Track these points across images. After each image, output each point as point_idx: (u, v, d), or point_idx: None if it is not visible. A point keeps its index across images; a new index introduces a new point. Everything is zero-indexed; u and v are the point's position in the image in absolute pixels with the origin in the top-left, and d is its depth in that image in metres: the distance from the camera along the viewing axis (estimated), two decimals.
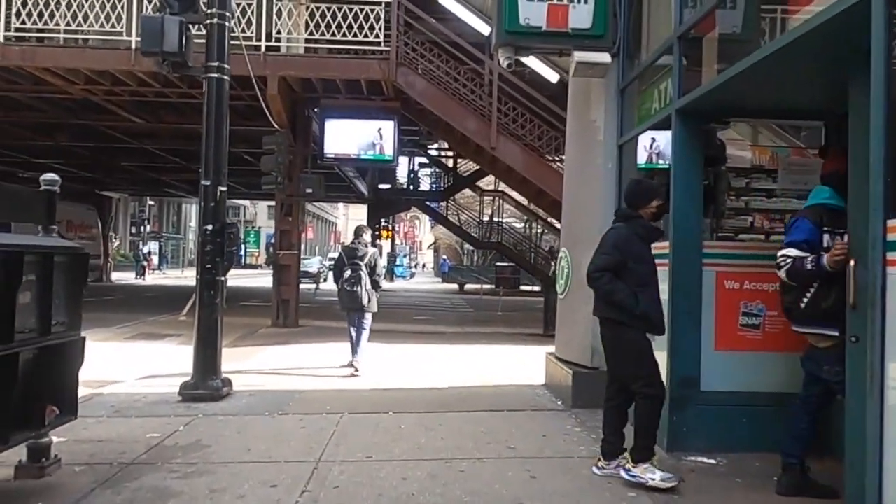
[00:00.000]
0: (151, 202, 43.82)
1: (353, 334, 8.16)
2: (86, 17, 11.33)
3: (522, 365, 8.96)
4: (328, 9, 11.43)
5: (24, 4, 11.28)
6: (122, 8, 11.32)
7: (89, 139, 18.57)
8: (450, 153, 31.15)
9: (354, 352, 8.14)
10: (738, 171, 5.49)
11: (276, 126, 11.83)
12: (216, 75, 6.39)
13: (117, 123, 16.04)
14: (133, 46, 11.16)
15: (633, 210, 4.11)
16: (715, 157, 5.30)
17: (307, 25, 11.61)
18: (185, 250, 58.60)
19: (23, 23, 11.26)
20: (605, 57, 5.46)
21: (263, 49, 11.32)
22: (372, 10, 11.37)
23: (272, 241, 13.03)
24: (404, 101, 12.81)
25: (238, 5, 11.26)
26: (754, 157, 5.90)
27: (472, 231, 32.11)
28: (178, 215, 58.37)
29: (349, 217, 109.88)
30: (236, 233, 6.31)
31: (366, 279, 7.88)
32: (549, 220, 34.83)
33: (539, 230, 35.03)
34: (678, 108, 4.45)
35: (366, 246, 8.14)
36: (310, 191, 12.42)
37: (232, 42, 11.08)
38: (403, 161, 31.25)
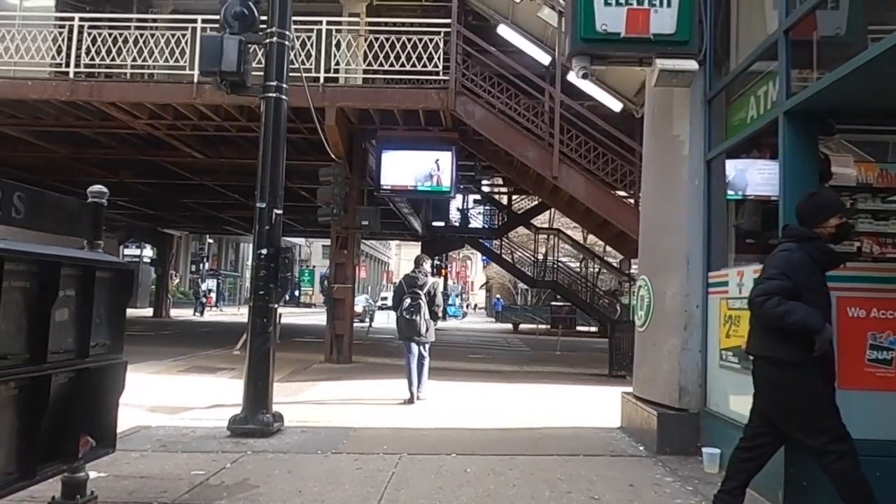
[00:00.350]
0: (210, 240, 44.81)
1: (411, 365, 8.01)
2: (151, 53, 11.53)
3: (591, 406, 8.30)
4: (387, 39, 11.33)
5: (94, 42, 11.55)
6: (186, 42, 11.47)
7: (152, 175, 18.97)
8: (504, 190, 30.91)
9: (411, 383, 8.02)
10: (842, 190, 4.87)
11: (333, 157, 11.71)
12: (274, 95, 6.17)
13: (178, 159, 16.29)
14: (195, 80, 11.28)
15: (808, 229, 3.41)
16: (819, 172, 4.71)
17: (365, 56, 11.51)
18: (242, 288, 59.58)
19: (91, 59, 11.52)
20: (691, 64, 4.98)
21: (322, 80, 11.26)
22: (431, 40, 11.21)
23: (327, 274, 12.75)
24: (462, 132, 12.54)
25: (297, 37, 11.27)
26: (859, 174, 5.27)
27: (526, 270, 31.54)
28: (235, 253, 59.64)
29: (402, 257, 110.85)
30: (291, 258, 5.98)
31: (425, 308, 7.82)
32: (606, 258, 34.07)
33: (595, 269, 34.17)
34: (787, 110, 3.91)
35: (426, 275, 8.12)
36: (366, 223, 12.17)
37: (291, 73, 11.11)
38: (457, 199, 31.21)
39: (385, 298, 72.82)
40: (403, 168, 12.30)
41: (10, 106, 12.80)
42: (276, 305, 5.99)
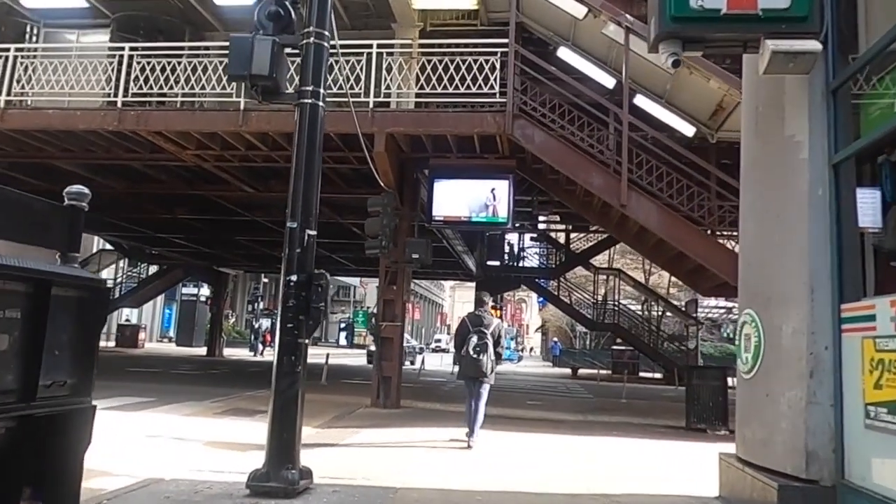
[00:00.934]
0: (266, 279, 45.01)
1: (472, 406, 7.85)
2: (199, 81, 11.19)
3: (672, 465, 7.11)
4: (440, 61, 10.68)
5: (143, 71, 11.32)
6: None
7: (205, 212, 18.79)
8: (561, 227, 29.86)
9: (471, 427, 7.81)
10: None
11: (382, 186, 11.02)
12: (310, 101, 5.46)
13: (229, 193, 15.98)
14: (242, 107, 10.86)
15: None
16: None
17: (417, 80, 10.88)
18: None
19: (140, 88, 11.26)
20: (812, 44, 4.01)
21: (371, 105, 10.65)
22: (486, 61, 10.50)
23: (374, 311, 11.94)
24: (520, 160, 11.70)
25: (347, 62, 10.75)
26: None
27: (585, 312, 30.18)
28: None
29: (456, 299, 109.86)
30: (325, 286, 5.16)
31: (491, 349, 7.67)
32: (670, 300, 32.34)
33: (658, 312, 32.47)
34: None
35: (490, 315, 8.02)
36: (416, 256, 11.36)
37: (339, 99, 10.62)
38: (512, 237, 30.31)
39: (439, 341, 72.02)
40: (457, 198, 11.51)
41: (61, 138, 12.69)
42: (306, 341, 5.16)
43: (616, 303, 30.22)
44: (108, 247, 32.70)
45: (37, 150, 13.52)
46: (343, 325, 63.27)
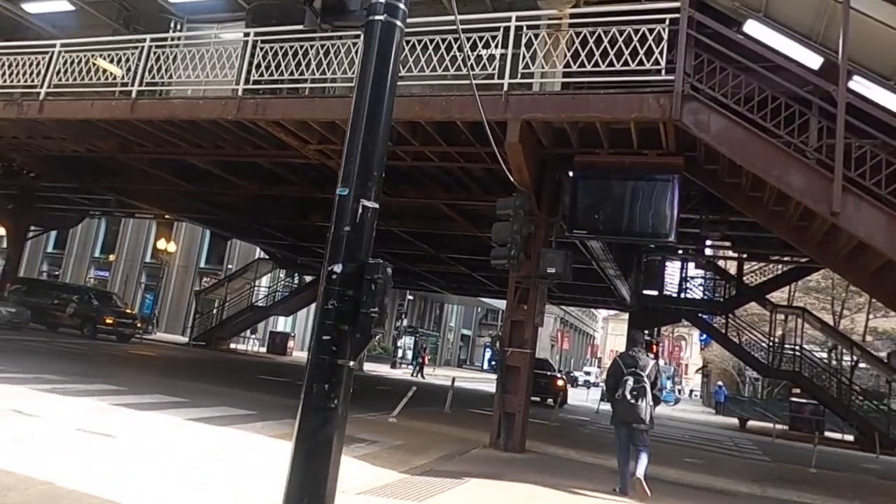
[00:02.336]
0: (410, 297, 44.74)
1: (626, 455, 7.22)
2: (329, 65, 10.14)
3: None
4: (591, 32, 8.74)
5: (265, 56, 10.51)
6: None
7: None
8: (731, 254, 26.20)
9: (625, 474, 7.16)
10: None
11: (515, 184, 9.24)
12: (382, 17, 3.81)
13: None
14: None
15: None
16: None
17: (564, 55, 9.01)
18: (442, 349, 59.15)
19: (261, 75, 10.45)
20: None
21: (506, 87, 8.93)
22: (651, 30, 8.40)
23: (499, 335, 10.10)
24: (688, 160, 9.40)
25: (481, 38, 9.16)
26: None
27: (757, 355, 26.16)
28: (440, 312, 59.69)
29: (608, 331, 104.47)
30: (384, 282, 3.45)
31: (649, 392, 7.04)
32: (866, 347, 27.22)
33: (851, 361, 27.42)
34: None
35: (646, 355, 7.41)
36: (552, 270, 9.41)
37: (463, 81, 9.04)
38: (673, 264, 27.12)
39: (588, 374, 68.32)
40: (606, 203, 9.42)
41: (188, 131, 12.33)
42: (350, 363, 3.46)
43: (797, 347, 25.87)
44: (265, 256, 33.80)
45: (172, 146, 13.35)
46: (488, 347, 61.86)
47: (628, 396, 6.95)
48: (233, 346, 34.09)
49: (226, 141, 12.68)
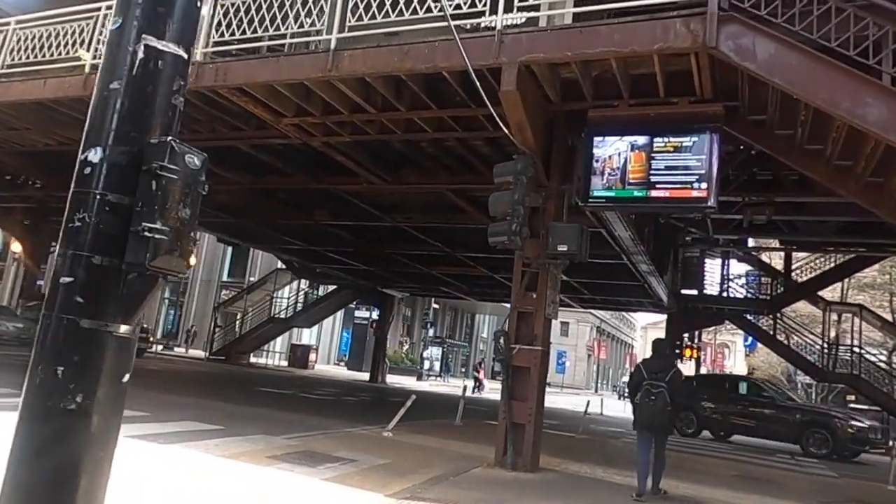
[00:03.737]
0: (436, 304, 43.10)
1: (643, 457, 7.25)
2: (285, 19, 8.65)
3: None
4: None
5: (226, 14, 9.08)
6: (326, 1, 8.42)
7: (343, 214, 16.66)
8: (777, 249, 24.03)
9: (642, 476, 7.15)
10: None
11: (516, 144, 7.62)
12: None
13: (356, 186, 13.51)
14: (332, 45, 8.12)
15: None
16: None
17: None
18: (473, 360, 57.23)
19: (221, 35, 9.01)
20: None
21: (499, 26, 7.31)
22: None
23: (503, 330, 8.43)
24: (729, 110, 7.65)
25: None
26: None
27: (810, 357, 23.85)
28: (471, 322, 57.95)
29: (647, 340, 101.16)
30: (183, 178, 1.88)
31: (667, 396, 7.02)
32: None
33: None
34: None
35: (669, 363, 7.57)
36: (564, 248, 7.72)
37: (441, 24, 7.49)
38: (713, 262, 25.00)
39: (626, 384, 65.67)
40: (628, 164, 7.70)
41: None
42: (118, 327, 1.87)
43: (855, 348, 23.49)
44: (284, 266, 32.63)
45: None
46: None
47: (647, 401, 7.07)
48: (253, 359, 32.92)
49: (199, 123, 11.35)
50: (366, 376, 31.88)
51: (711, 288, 24.68)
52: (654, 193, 7.55)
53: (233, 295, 36.57)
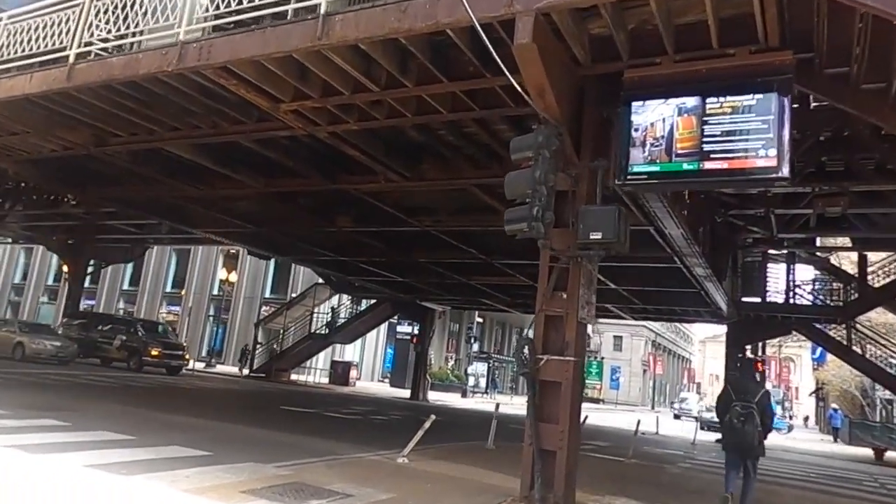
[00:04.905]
0: (479, 318, 41.64)
1: (730, 477, 7.19)
2: None
3: None
4: None
5: None
6: None
7: (368, 220, 15.56)
8: (849, 249, 21.81)
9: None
10: None
11: (538, 112, 6.34)
12: None
13: (375, 186, 12.38)
14: (322, 9, 7.00)
15: None
16: None
17: None
18: (520, 377, 55.43)
19: (217, 8, 7.97)
20: None
21: None
22: None
23: (528, 338, 7.05)
24: (803, 63, 6.18)
25: None
26: None
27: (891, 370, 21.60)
28: (520, 336, 56.14)
29: (706, 355, 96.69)
30: None
31: (758, 418, 6.89)
32: None
33: None
34: None
35: (756, 381, 7.67)
36: (597, 235, 6.33)
37: None
38: (777, 266, 22.93)
39: (684, 400, 62.72)
40: (674, 132, 6.28)
41: (145, 103, 10.11)
42: None
43: None
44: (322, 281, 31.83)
45: (147, 133, 11.25)
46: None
47: (736, 422, 6.93)
48: (294, 377, 32.12)
49: (198, 117, 10.42)
50: (407, 393, 30.69)
51: (775, 295, 22.62)
52: (708, 165, 6.10)
53: (272, 311, 35.98)
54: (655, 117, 6.39)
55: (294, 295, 37.23)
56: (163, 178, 13.85)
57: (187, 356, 27.44)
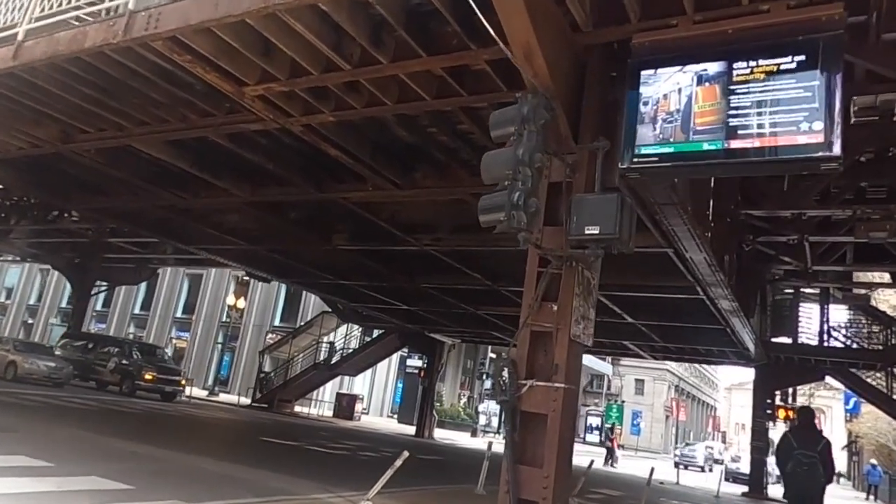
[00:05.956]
0: (492, 354, 40.02)
1: None
2: None
3: None
4: None
5: None
6: None
7: (365, 237, 14.43)
8: (889, 285, 20.16)
9: None
10: None
11: (527, 80, 5.18)
12: None
13: (365, 195, 11.28)
14: None
15: None
16: None
17: None
18: None
19: None
20: None
21: None
22: None
23: (505, 360, 5.74)
24: (852, 27, 4.96)
25: None
26: None
27: None
28: None
29: (731, 403, 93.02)
30: None
31: (821, 469, 6.98)
32: None
33: None
34: None
35: (817, 431, 7.62)
36: (594, 230, 5.07)
37: None
38: (808, 305, 21.32)
39: (689, 445, 59.92)
40: (693, 104, 5.05)
41: (110, 93, 9.18)
42: None
43: None
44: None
45: (116, 128, 10.33)
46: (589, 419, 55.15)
47: (800, 470, 6.96)
48: (298, 408, 30.77)
49: (163, 107, 9.46)
50: (406, 430, 29.21)
51: (808, 337, 20.96)
52: (735, 144, 4.84)
53: (277, 339, 34.87)
54: (669, 87, 5.17)
55: (302, 324, 36.14)
56: (144, 185, 12.92)
57: (184, 382, 26.34)
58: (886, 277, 18.38)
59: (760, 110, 4.79)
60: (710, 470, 36.97)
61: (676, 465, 31.12)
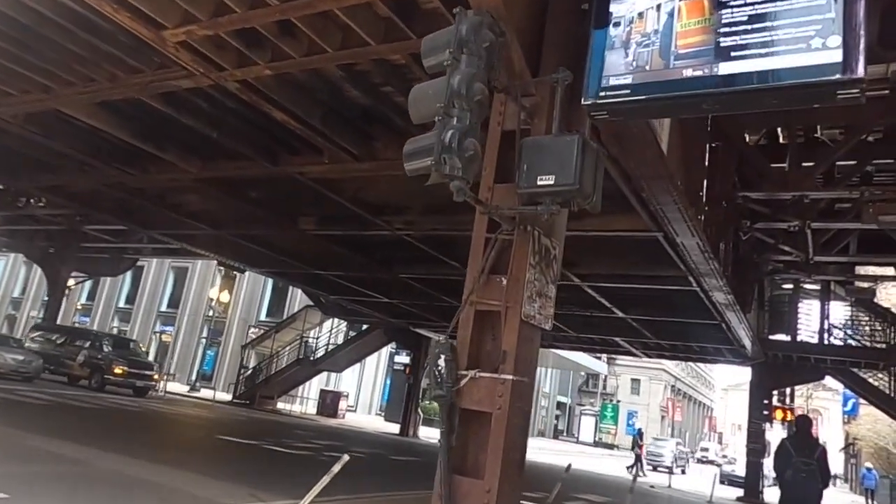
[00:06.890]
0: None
1: None
2: None
3: None
4: None
5: None
6: None
7: (333, 222, 13.39)
8: (891, 284, 19.16)
9: None
10: None
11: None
12: None
13: (321, 167, 10.22)
14: None
15: None
16: None
17: None
18: (535, 419, 52.18)
19: None
20: None
21: None
22: None
23: (440, 339, 4.66)
24: None
25: None
26: None
27: None
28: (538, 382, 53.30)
29: (728, 403, 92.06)
30: None
31: (818, 474, 7.09)
32: None
33: None
34: None
35: (814, 439, 7.77)
36: (548, 181, 4.01)
37: None
38: (809, 302, 20.35)
39: (705, 450, 58.88)
40: (674, 22, 3.99)
41: (14, 41, 8.11)
42: None
43: None
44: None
45: (40, 89, 9.25)
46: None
47: (799, 478, 7.02)
48: (281, 405, 29.70)
49: (88, 64, 8.39)
50: (390, 428, 28.21)
51: (807, 334, 19.96)
52: (727, 69, 3.77)
53: (260, 334, 33.79)
54: (646, 3, 4.12)
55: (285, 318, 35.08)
56: (88, 160, 11.88)
57: (157, 377, 25.27)
58: (890, 271, 17.35)
59: (761, 25, 3.73)
60: (684, 472, 35.12)
61: (628, 467, 26.46)
